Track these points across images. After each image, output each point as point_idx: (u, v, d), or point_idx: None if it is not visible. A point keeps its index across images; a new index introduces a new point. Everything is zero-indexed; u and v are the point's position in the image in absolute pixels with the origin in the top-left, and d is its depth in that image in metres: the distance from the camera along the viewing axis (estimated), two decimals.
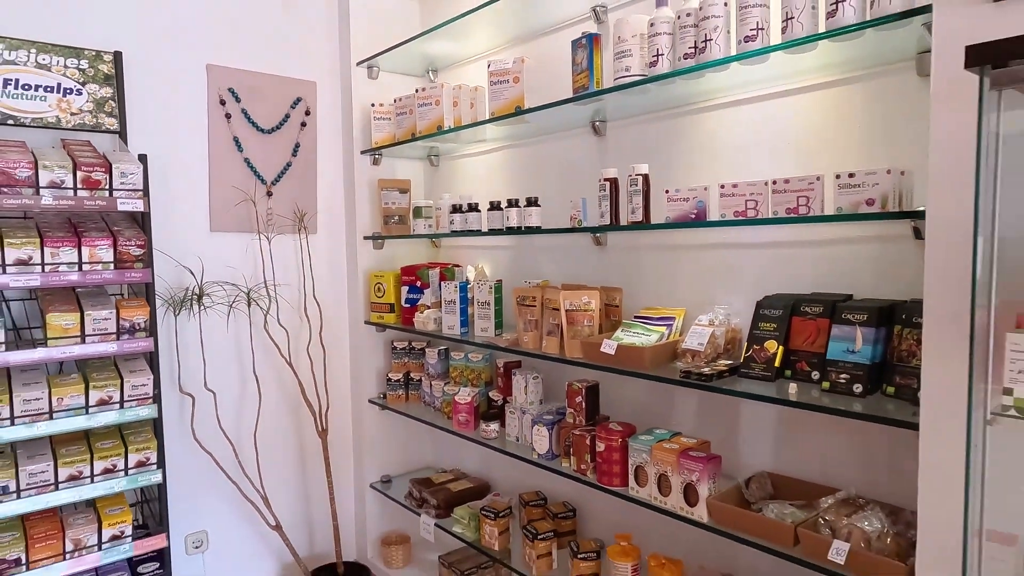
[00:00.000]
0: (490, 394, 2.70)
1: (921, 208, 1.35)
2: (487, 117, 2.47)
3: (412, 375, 3.08)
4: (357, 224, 3.12)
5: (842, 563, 1.49)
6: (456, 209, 2.67)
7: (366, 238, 3.13)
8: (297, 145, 3.02)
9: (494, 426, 2.55)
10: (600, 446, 2.07)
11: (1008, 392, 0.94)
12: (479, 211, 2.60)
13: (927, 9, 1.30)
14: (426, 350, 3.00)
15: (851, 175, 1.50)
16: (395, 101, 2.93)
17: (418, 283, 2.95)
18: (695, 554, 2.16)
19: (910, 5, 1.38)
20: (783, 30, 1.57)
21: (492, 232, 2.49)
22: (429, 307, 2.86)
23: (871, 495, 1.71)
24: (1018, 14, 1.17)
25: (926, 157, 1.28)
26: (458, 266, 3.02)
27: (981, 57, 0.88)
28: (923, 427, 1.31)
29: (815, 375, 1.69)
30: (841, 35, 1.46)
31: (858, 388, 1.57)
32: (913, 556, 1.40)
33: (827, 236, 1.80)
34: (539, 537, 2.36)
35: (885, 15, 1.38)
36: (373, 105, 3.00)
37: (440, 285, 2.78)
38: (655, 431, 2.05)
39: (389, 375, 3.10)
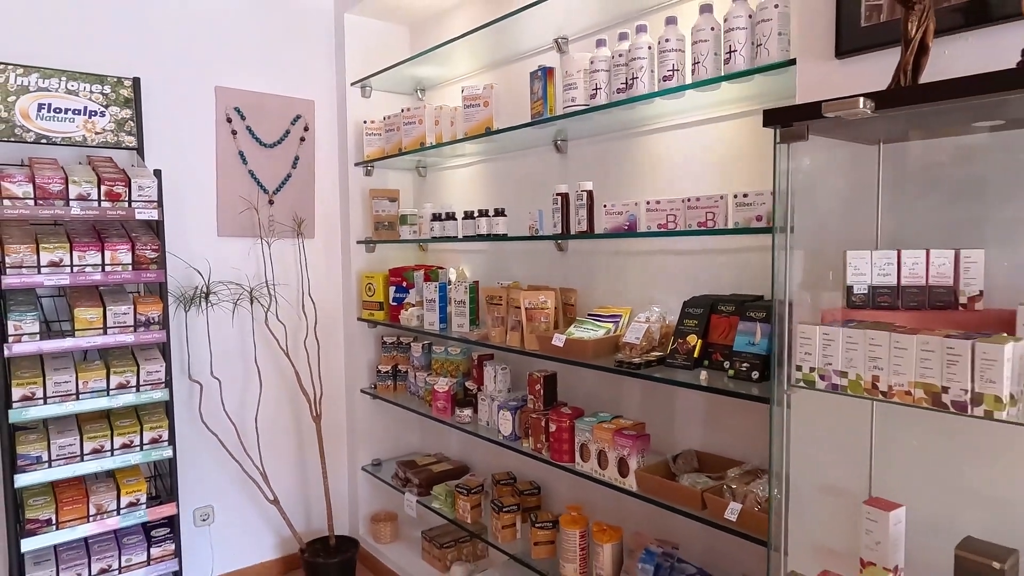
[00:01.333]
0: (466, 384, 3.00)
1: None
2: (463, 136, 2.78)
3: (400, 367, 3.39)
4: (351, 229, 3.44)
5: (735, 520, 1.78)
6: (436, 217, 2.97)
7: (359, 242, 3.44)
8: (296, 158, 3.34)
9: (467, 412, 2.85)
10: (552, 427, 2.37)
11: (799, 368, 1.23)
12: (456, 219, 2.90)
13: (795, 61, 1.59)
14: (412, 344, 3.30)
15: (745, 195, 1.79)
16: (384, 119, 3.24)
17: (404, 283, 3.26)
18: (633, 522, 2.45)
19: (786, 57, 1.66)
20: (692, 72, 1.86)
21: (466, 238, 2.80)
22: (413, 305, 3.16)
23: None
24: (856, 69, 1.46)
25: None
26: (442, 268, 3.32)
27: (772, 119, 1.17)
28: (793, 405, 1.60)
29: (726, 364, 1.97)
30: (735, 78, 1.75)
31: (755, 375, 1.85)
32: None
33: (742, 245, 2.08)
34: (504, 509, 2.66)
35: (765, 64, 1.67)
36: (365, 122, 3.31)
37: (423, 285, 3.08)
38: (599, 414, 2.35)
39: (379, 367, 3.41)
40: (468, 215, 2.79)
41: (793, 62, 1.59)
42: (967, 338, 0.99)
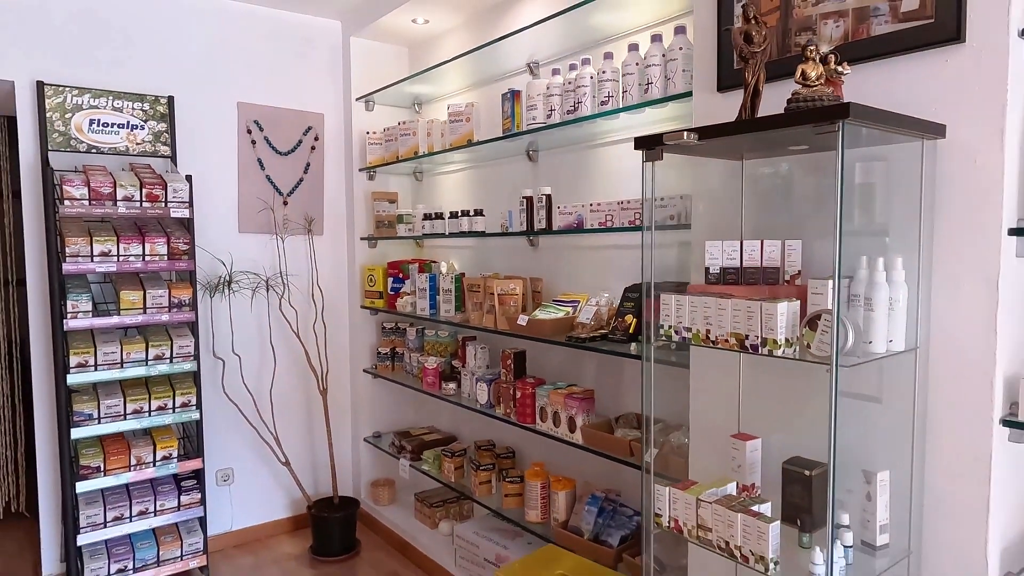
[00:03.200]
0: (453, 362, 3.44)
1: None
2: (449, 147, 3.22)
3: (397, 349, 3.83)
4: (355, 227, 3.89)
5: (651, 461, 2.20)
6: (427, 217, 3.41)
7: (362, 239, 3.90)
8: (308, 164, 3.80)
9: (452, 385, 3.29)
10: (518, 394, 2.80)
11: (661, 327, 1.65)
12: (443, 219, 3.34)
13: (692, 93, 2.01)
14: (407, 329, 3.74)
15: (661, 199, 2.21)
16: (384, 130, 3.69)
17: (401, 275, 3.70)
18: (587, 476, 2.87)
19: (688, 89, 2.08)
20: (623, 99, 2.28)
21: (451, 235, 3.24)
22: (408, 294, 3.60)
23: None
24: (731, 101, 1.88)
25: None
26: (434, 262, 3.76)
27: (639, 144, 1.59)
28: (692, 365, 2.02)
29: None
30: (652, 105, 2.17)
31: (673, 345, 2.27)
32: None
33: (670, 240, 2.49)
34: (481, 468, 3.10)
35: (674, 94, 2.10)
36: (368, 133, 3.76)
37: (416, 277, 3.52)
38: (557, 383, 2.77)
39: (379, 349, 3.86)
40: (453, 215, 3.23)
41: (691, 93, 2.01)
42: (760, 300, 1.41)
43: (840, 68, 1.47)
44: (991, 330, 1.42)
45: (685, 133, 1.44)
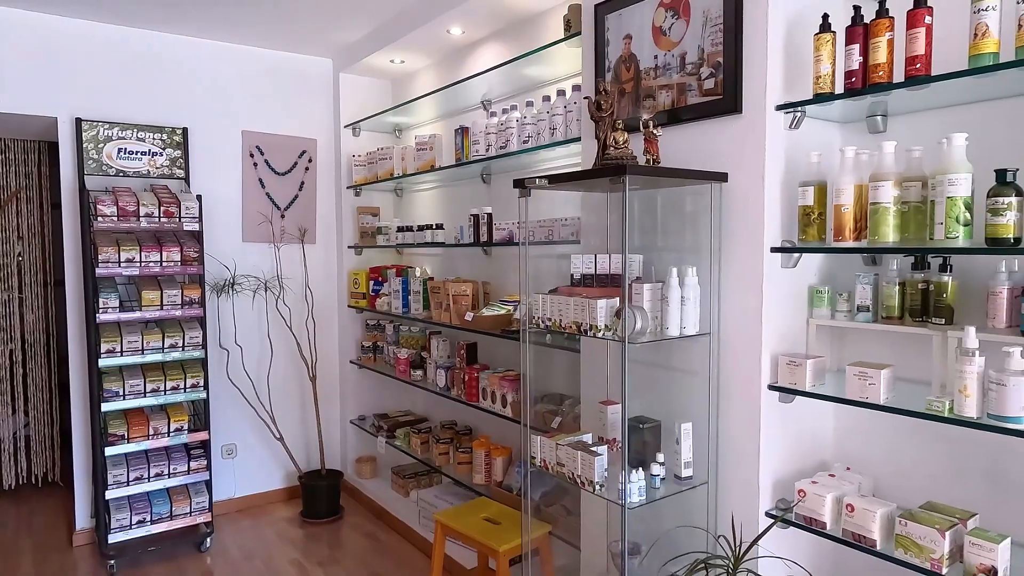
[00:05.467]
0: (422, 353, 4.02)
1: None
2: (416, 171, 3.81)
3: (378, 343, 4.42)
4: (343, 237, 4.49)
5: (556, 427, 2.76)
6: (400, 229, 4.01)
7: (349, 247, 4.50)
8: (302, 183, 4.41)
9: (419, 372, 3.87)
10: (467, 378, 3.38)
11: (533, 318, 2.22)
12: (413, 231, 3.93)
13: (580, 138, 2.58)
14: (386, 325, 4.34)
15: (566, 219, 2.77)
16: (367, 154, 4.29)
17: (381, 279, 4.30)
18: (519, 444, 3.42)
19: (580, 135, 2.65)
20: (539, 139, 2.86)
21: (418, 244, 3.83)
22: (386, 295, 4.20)
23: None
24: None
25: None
26: (410, 267, 4.35)
27: (515, 184, 2.16)
28: (582, 351, 2.59)
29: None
30: (558, 145, 2.75)
31: (578, 336, 2.83)
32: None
33: (574, 250, 3.06)
34: (440, 442, 3.68)
35: (571, 138, 2.67)
36: (355, 156, 4.36)
37: (392, 280, 4.11)
38: (497, 369, 3.35)
39: (363, 343, 4.46)
40: (420, 228, 3.83)
41: (580, 138, 2.58)
42: (588, 298, 1.97)
43: (655, 131, 2.03)
44: (759, 321, 1.98)
45: (537, 179, 2.02)
